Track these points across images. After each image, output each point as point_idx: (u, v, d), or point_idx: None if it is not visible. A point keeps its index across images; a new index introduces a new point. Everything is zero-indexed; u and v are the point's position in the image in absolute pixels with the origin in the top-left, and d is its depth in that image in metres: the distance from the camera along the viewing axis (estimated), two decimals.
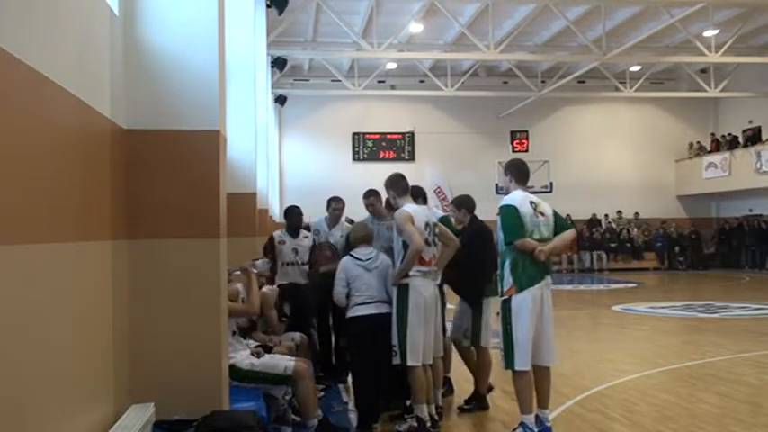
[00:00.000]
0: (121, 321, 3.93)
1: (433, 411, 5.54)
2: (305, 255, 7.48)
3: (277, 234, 7.61)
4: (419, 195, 6.36)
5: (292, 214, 7.63)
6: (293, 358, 5.32)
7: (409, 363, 5.37)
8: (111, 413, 3.70)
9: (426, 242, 5.44)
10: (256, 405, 4.67)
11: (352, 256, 5.76)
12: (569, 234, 5.41)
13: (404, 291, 5.41)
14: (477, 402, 6.22)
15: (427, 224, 5.52)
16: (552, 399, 5.46)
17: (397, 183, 5.74)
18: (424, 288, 5.43)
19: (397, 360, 5.41)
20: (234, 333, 5.20)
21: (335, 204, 7.47)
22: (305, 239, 7.56)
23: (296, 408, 5.41)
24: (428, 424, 5.39)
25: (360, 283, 5.63)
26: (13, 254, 2.49)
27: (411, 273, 5.39)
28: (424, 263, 5.45)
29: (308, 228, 7.83)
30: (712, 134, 26.15)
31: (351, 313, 5.66)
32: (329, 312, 7.32)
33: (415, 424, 5.39)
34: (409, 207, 5.54)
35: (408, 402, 5.63)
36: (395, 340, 5.43)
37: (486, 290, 6.13)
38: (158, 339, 4.08)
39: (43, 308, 2.80)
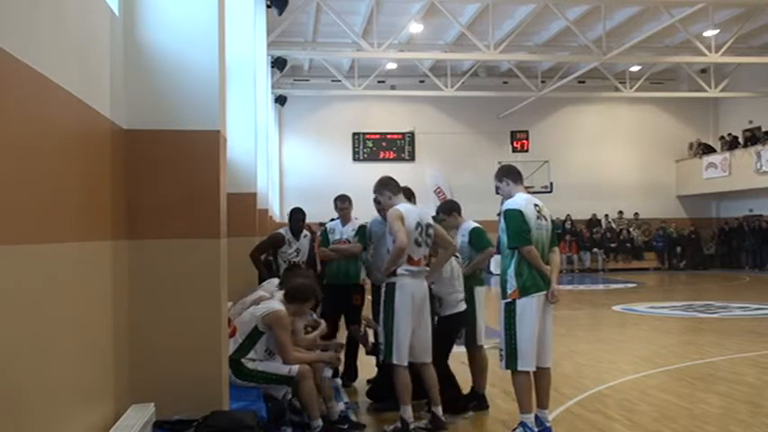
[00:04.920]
0: (121, 321, 3.93)
1: (439, 412, 5.49)
2: (305, 255, 7.74)
3: (286, 232, 7.69)
4: (411, 196, 6.39)
5: (296, 219, 7.82)
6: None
7: (394, 361, 5.36)
8: (111, 413, 3.70)
9: (416, 242, 5.41)
10: (256, 405, 4.67)
11: None
12: (557, 259, 5.42)
13: (391, 289, 5.40)
14: (476, 402, 6.22)
15: (419, 224, 5.47)
16: (552, 399, 5.46)
17: (388, 183, 5.75)
18: (412, 287, 5.39)
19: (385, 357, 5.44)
20: (270, 352, 5.23)
21: (341, 204, 7.52)
22: (304, 239, 7.82)
23: (295, 408, 5.41)
24: (411, 426, 5.36)
25: (457, 280, 5.98)
26: (13, 254, 2.49)
27: (399, 272, 5.37)
28: (413, 262, 5.41)
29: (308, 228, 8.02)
30: (698, 140, 26.24)
31: (455, 309, 5.95)
32: (340, 316, 7.30)
33: (399, 425, 5.38)
34: (402, 206, 5.53)
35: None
36: (381, 338, 5.48)
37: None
38: (158, 339, 4.09)
39: (43, 308, 2.80)
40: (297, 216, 7.82)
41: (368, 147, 25.51)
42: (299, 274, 6.07)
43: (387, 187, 5.73)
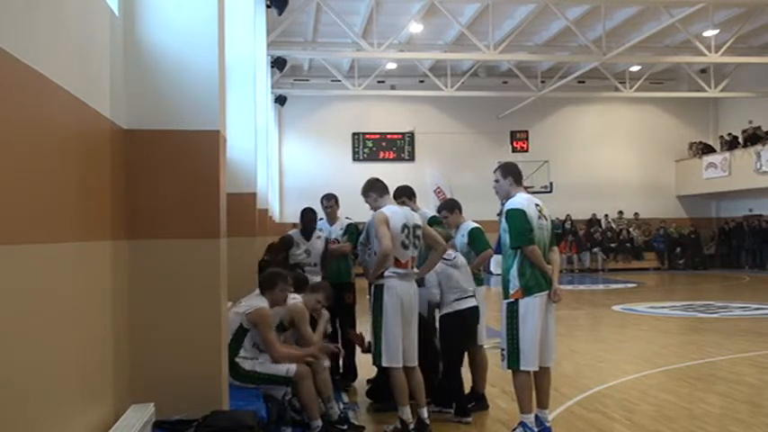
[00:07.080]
0: (121, 321, 3.93)
1: (425, 415, 5.46)
2: (317, 257, 7.47)
3: (295, 234, 7.56)
4: (403, 194, 6.38)
5: (307, 218, 7.57)
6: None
7: (384, 364, 5.37)
8: (111, 413, 3.70)
9: (403, 245, 5.40)
10: (256, 405, 4.67)
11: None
12: (558, 258, 5.41)
13: (378, 291, 5.40)
14: (476, 402, 6.22)
15: (405, 226, 5.44)
16: (552, 399, 5.46)
17: (374, 185, 5.73)
18: (400, 289, 5.37)
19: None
20: (258, 347, 5.20)
21: (327, 202, 7.51)
22: (317, 240, 7.53)
23: (296, 408, 5.41)
24: (411, 427, 5.36)
25: (453, 281, 5.95)
26: (13, 254, 2.49)
27: (387, 274, 5.37)
28: (401, 265, 5.40)
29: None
30: (696, 141, 26.23)
31: (450, 309, 5.97)
32: (336, 318, 7.28)
33: (399, 425, 5.38)
34: (387, 209, 5.51)
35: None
36: (372, 341, 5.48)
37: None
38: (158, 339, 4.08)
39: (43, 308, 2.80)
40: (309, 216, 7.56)
41: (368, 147, 25.51)
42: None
43: (372, 189, 5.72)
